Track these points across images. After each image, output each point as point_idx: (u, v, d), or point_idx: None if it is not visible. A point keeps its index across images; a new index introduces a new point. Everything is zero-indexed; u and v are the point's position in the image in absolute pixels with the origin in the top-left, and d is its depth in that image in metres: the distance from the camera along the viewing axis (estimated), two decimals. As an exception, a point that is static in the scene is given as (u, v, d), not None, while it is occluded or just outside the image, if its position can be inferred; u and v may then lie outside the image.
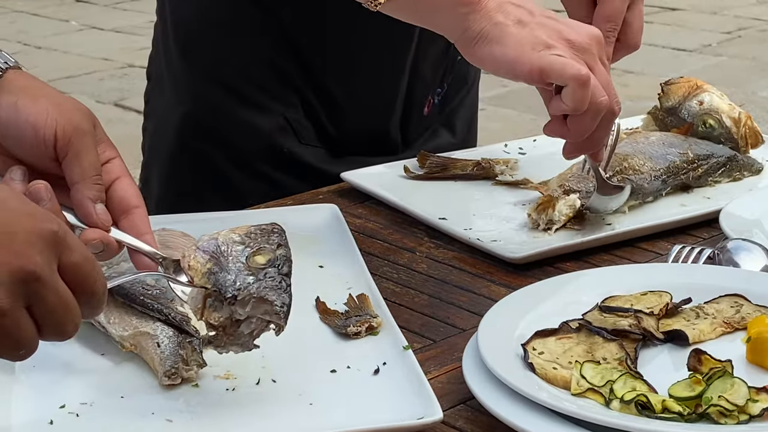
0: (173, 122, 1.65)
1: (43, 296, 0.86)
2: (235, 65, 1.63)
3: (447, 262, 1.39)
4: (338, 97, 1.65)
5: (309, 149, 1.65)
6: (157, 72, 1.72)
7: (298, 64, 1.63)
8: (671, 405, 1.00)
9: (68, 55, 6.65)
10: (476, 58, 1.28)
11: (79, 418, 1.06)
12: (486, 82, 2.01)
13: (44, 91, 1.09)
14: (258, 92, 1.63)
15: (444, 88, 1.76)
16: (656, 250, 1.41)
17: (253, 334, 1.07)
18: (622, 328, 1.13)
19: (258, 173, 1.64)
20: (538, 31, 1.26)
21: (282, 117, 1.64)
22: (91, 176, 1.06)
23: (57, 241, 0.87)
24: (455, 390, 1.11)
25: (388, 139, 1.71)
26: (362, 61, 1.65)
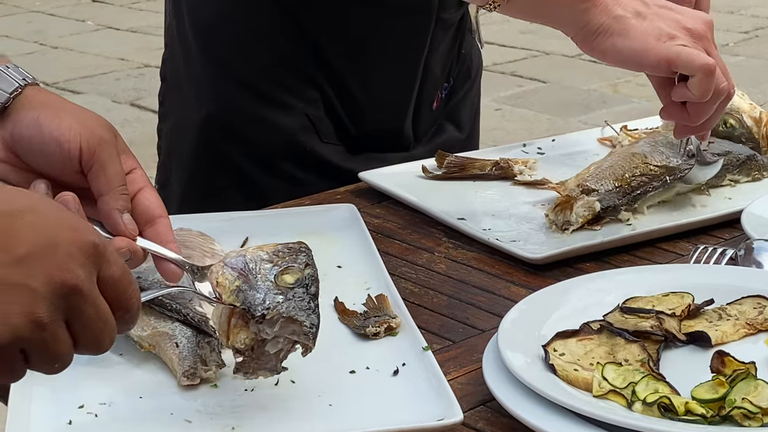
0: (194, 123, 1.65)
1: (83, 310, 0.85)
2: (257, 64, 1.63)
3: (466, 262, 1.38)
4: (358, 96, 1.66)
5: (329, 147, 1.66)
6: (174, 73, 1.72)
7: (319, 62, 1.63)
8: (694, 407, 0.99)
9: (84, 55, 6.66)
10: (598, 51, 1.35)
11: (97, 418, 1.05)
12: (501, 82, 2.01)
13: (65, 106, 1.09)
14: (280, 91, 1.63)
15: (450, 83, 1.78)
16: (677, 251, 1.40)
17: (280, 356, 1.05)
18: (644, 330, 1.12)
19: (280, 172, 1.64)
20: (658, 22, 1.33)
21: (304, 115, 1.64)
22: (117, 187, 1.06)
23: (97, 254, 0.86)
24: (475, 391, 1.10)
25: (402, 136, 1.72)
26: (381, 59, 1.66)
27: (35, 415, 1.06)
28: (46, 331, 0.83)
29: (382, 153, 1.68)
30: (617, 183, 1.46)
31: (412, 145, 1.74)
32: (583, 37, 1.35)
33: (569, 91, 5.73)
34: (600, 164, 1.51)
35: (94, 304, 0.86)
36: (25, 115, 1.07)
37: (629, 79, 5.79)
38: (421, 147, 1.73)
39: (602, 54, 1.35)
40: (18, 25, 7.43)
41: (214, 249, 1.29)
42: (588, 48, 1.35)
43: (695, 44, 1.33)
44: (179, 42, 1.69)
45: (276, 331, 1.04)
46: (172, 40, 1.72)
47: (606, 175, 1.47)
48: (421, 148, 1.73)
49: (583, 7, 1.33)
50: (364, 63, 1.65)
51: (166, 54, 1.74)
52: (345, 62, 1.64)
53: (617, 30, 1.33)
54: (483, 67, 1.88)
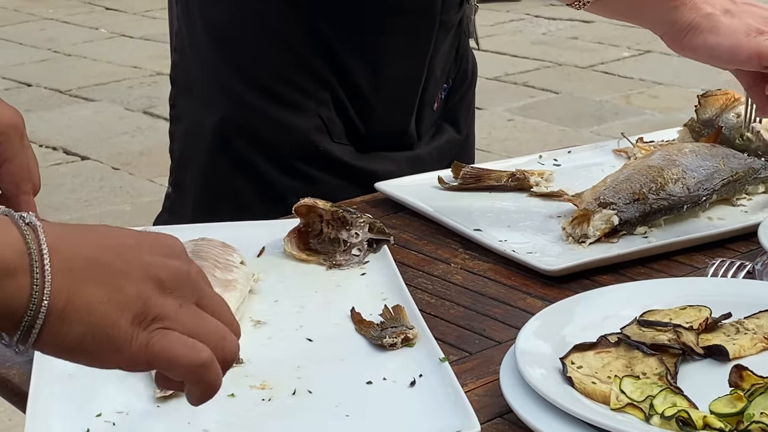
0: (208, 126, 1.67)
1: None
2: (271, 66, 1.65)
3: (482, 273, 1.38)
4: (369, 96, 1.68)
5: (339, 147, 1.68)
6: (185, 77, 1.74)
7: (331, 64, 1.66)
8: (712, 421, 0.99)
9: (98, 62, 6.68)
10: (688, 49, 1.41)
11: (115, 426, 1.05)
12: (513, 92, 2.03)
13: None
14: (294, 92, 1.66)
15: (449, 84, 1.80)
16: (693, 264, 1.40)
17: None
18: (662, 343, 1.12)
19: (295, 171, 1.66)
20: (747, 18, 1.39)
21: (317, 116, 1.66)
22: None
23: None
24: (492, 403, 1.10)
25: (406, 135, 1.75)
26: (391, 60, 1.68)
27: (53, 422, 1.06)
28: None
29: (389, 152, 1.71)
30: (635, 196, 1.46)
31: (415, 144, 1.77)
32: (673, 36, 1.39)
33: (581, 102, 5.72)
34: (616, 177, 1.51)
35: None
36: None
37: (642, 91, 5.79)
38: (423, 147, 1.77)
39: (693, 51, 1.40)
40: (31, 32, 7.45)
41: (229, 260, 1.29)
42: (678, 46, 1.41)
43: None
44: (190, 46, 1.71)
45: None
46: (182, 45, 1.73)
47: (623, 188, 1.47)
48: (424, 147, 1.77)
49: (672, 5, 1.37)
50: (375, 64, 1.67)
51: (176, 58, 1.76)
52: (357, 63, 1.66)
53: (707, 27, 1.38)
54: (492, 75, 1.90)
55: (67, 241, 0.83)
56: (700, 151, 1.56)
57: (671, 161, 1.53)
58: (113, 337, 0.83)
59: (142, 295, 0.84)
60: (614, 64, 6.39)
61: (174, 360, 0.84)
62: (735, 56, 1.40)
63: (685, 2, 1.38)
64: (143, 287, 0.84)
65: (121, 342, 0.83)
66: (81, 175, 4.90)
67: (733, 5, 1.40)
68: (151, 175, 4.77)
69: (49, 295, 0.80)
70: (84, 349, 0.83)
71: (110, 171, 4.89)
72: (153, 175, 4.76)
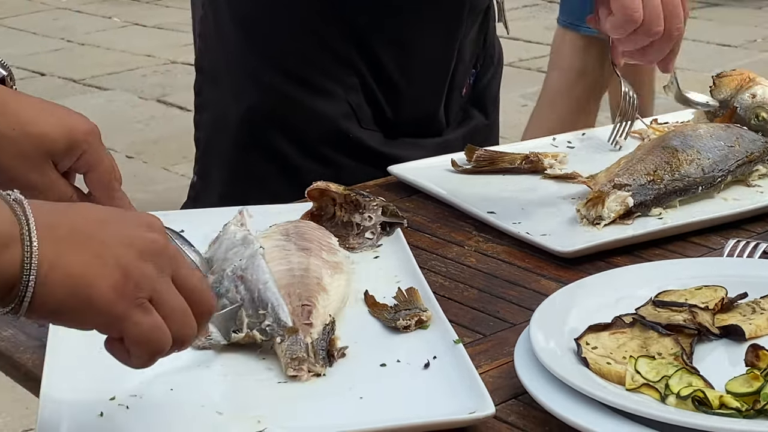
0: (235, 114, 1.66)
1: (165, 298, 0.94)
2: (299, 52, 1.65)
3: (496, 256, 1.37)
4: (398, 82, 1.68)
5: (368, 132, 1.68)
6: (211, 65, 1.73)
7: (360, 49, 1.65)
8: (729, 401, 0.98)
9: (111, 51, 6.68)
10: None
11: (129, 410, 1.05)
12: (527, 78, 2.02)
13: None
14: (323, 78, 1.65)
15: (477, 69, 1.80)
16: (709, 245, 1.39)
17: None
18: (677, 323, 1.11)
19: (322, 157, 1.66)
20: None
21: (345, 102, 1.66)
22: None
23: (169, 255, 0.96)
24: (506, 385, 1.09)
25: (435, 121, 1.74)
26: (419, 45, 1.67)
27: (67, 407, 1.05)
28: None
29: (417, 138, 1.70)
30: (649, 177, 1.45)
31: (444, 131, 1.76)
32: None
33: (596, 87, 5.70)
34: (630, 158, 1.50)
35: (173, 294, 0.93)
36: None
37: (657, 75, 5.76)
38: (451, 132, 1.76)
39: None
40: (45, 22, 7.46)
41: (330, 243, 1.30)
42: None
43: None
44: (216, 33, 1.70)
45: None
46: (207, 31, 1.72)
47: (637, 170, 1.46)
48: (452, 133, 1.76)
49: None
50: (403, 49, 1.67)
51: (201, 45, 1.75)
52: (386, 49, 1.66)
53: None
54: (505, 60, 1.90)
55: (51, 214, 0.91)
56: (714, 132, 1.55)
57: (686, 142, 1.52)
58: (93, 298, 0.90)
59: (122, 262, 0.91)
60: (629, 49, 6.35)
61: (142, 344, 0.92)
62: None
63: None
64: (123, 255, 0.91)
65: (101, 304, 0.90)
66: (94, 164, 4.90)
67: None
68: (165, 164, 4.77)
69: (37, 264, 0.88)
70: (66, 311, 0.90)
71: (124, 159, 4.89)
72: (167, 163, 4.76)
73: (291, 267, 1.21)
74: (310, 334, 1.13)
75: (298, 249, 1.25)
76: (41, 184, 1.15)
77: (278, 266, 1.21)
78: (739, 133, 1.56)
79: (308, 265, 1.22)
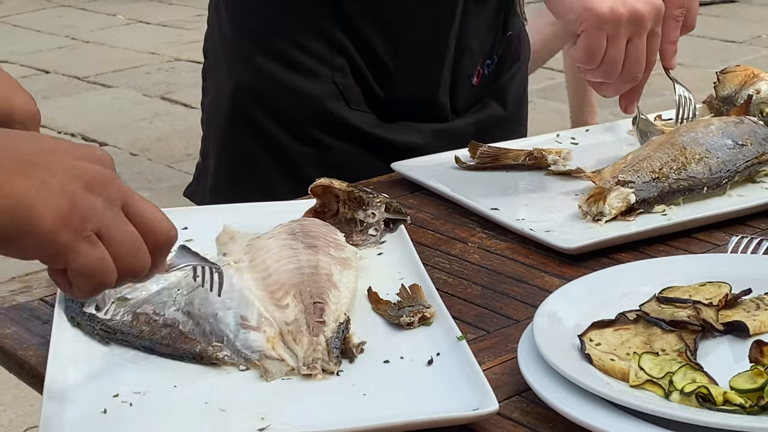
0: (226, 93, 1.69)
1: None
2: (286, 33, 1.66)
3: (499, 252, 1.37)
4: (388, 63, 1.68)
5: (357, 114, 1.68)
6: (213, 47, 1.76)
7: (348, 30, 1.66)
8: (733, 397, 0.98)
9: (115, 49, 6.69)
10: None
11: (132, 407, 1.05)
12: (533, 74, 2.00)
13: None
14: (307, 57, 1.66)
15: (494, 60, 1.78)
16: (713, 241, 1.39)
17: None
18: (681, 320, 1.11)
19: (310, 139, 1.66)
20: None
21: (332, 83, 1.66)
22: None
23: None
24: (510, 381, 1.09)
25: (436, 106, 1.73)
26: (410, 28, 1.67)
27: (70, 404, 1.05)
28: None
29: (417, 122, 1.70)
30: (654, 175, 1.44)
31: (450, 117, 1.75)
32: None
33: (600, 84, 5.69)
34: (637, 154, 1.49)
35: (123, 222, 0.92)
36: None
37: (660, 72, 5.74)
38: (460, 120, 1.76)
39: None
40: (49, 19, 7.46)
41: (337, 239, 1.30)
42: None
43: (620, 29, 1.41)
44: (216, 16, 1.73)
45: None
46: (211, 16, 1.76)
47: (643, 167, 1.45)
48: (461, 120, 1.76)
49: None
50: (393, 31, 1.67)
51: (208, 31, 1.78)
52: (374, 30, 1.66)
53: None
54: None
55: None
56: (727, 129, 1.53)
57: (696, 139, 1.50)
58: (36, 226, 0.88)
59: (68, 192, 0.89)
60: (633, 45, 6.34)
61: (86, 277, 0.91)
62: (565, 15, 1.45)
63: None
64: (69, 185, 0.89)
65: (44, 233, 0.88)
66: (99, 161, 4.91)
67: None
68: (169, 161, 4.77)
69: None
70: (7, 238, 0.88)
71: (128, 157, 4.89)
72: (171, 160, 4.76)
73: (300, 265, 1.21)
74: (324, 332, 1.13)
75: (305, 247, 1.25)
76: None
77: (287, 265, 1.21)
78: (753, 129, 1.53)
79: (317, 263, 1.22)
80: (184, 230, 1.38)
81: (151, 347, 1.13)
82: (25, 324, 1.21)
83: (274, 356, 1.10)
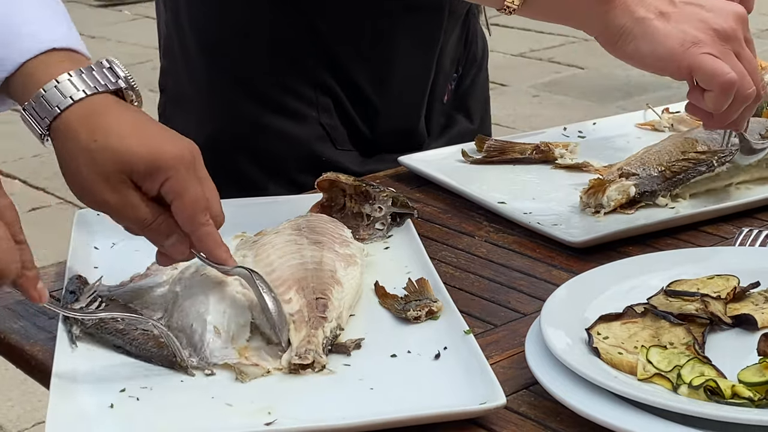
0: (200, 140, 1.61)
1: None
2: (269, 74, 1.59)
3: (507, 246, 1.37)
4: (373, 99, 1.64)
5: (343, 153, 1.63)
6: (175, 87, 1.68)
7: (332, 68, 1.61)
8: (741, 390, 0.98)
9: (122, 44, 6.69)
10: (622, 54, 1.26)
11: (139, 401, 1.05)
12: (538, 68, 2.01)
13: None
14: (292, 99, 1.60)
15: (459, 72, 1.76)
16: (721, 234, 1.38)
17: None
18: (689, 313, 1.10)
19: (295, 182, 1.60)
20: (683, 24, 1.23)
21: (318, 124, 1.61)
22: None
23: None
24: (517, 375, 1.09)
25: (416, 135, 1.70)
26: (395, 60, 1.63)
27: (77, 399, 1.05)
28: None
29: (397, 153, 1.62)
30: (660, 168, 1.44)
31: (425, 142, 1.71)
32: (606, 41, 1.26)
33: (607, 78, 5.69)
34: (649, 148, 1.49)
35: None
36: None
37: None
38: (433, 142, 1.71)
39: (628, 58, 1.26)
40: (56, 15, 7.46)
41: (343, 235, 1.29)
42: (613, 51, 1.27)
43: (723, 47, 1.23)
44: (181, 56, 1.65)
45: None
46: (171, 53, 1.67)
47: (651, 160, 1.45)
48: (434, 143, 1.71)
49: (603, 9, 1.24)
50: (378, 65, 1.62)
51: (165, 64, 1.69)
52: (359, 65, 1.61)
53: (639, 34, 1.23)
54: (517, 51, 1.87)
55: None
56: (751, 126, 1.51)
57: (710, 134, 1.49)
58: None
59: None
60: (641, 39, 6.33)
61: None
62: (666, 68, 1.24)
63: (615, 5, 1.23)
64: None
65: None
66: (107, 157, 4.91)
67: (670, 6, 1.24)
68: (177, 156, 4.77)
69: None
70: None
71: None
72: (178, 155, 4.76)
73: (304, 261, 1.21)
74: (323, 327, 1.12)
75: (310, 243, 1.24)
76: (115, 203, 1.10)
77: (291, 260, 1.21)
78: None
79: (321, 259, 1.22)
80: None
81: (124, 347, 1.13)
82: (32, 319, 1.21)
83: (247, 363, 1.10)
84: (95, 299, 1.17)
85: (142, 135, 1.11)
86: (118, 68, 1.15)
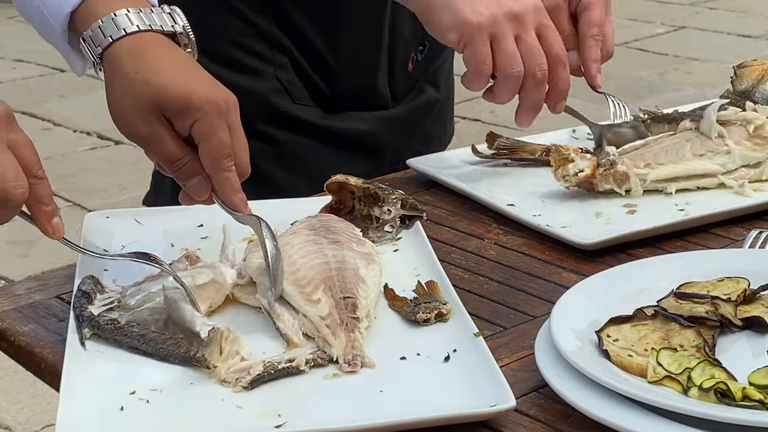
0: None
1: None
2: (226, 37, 1.68)
3: (516, 248, 1.37)
4: (327, 57, 1.71)
5: (303, 108, 1.71)
6: None
7: (287, 28, 1.69)
8: (752, 393, 0.98)
9: None
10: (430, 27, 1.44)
11: (149, 404, 1.05)
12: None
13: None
14: (250, 58, 1.69)
15: (426, 46, 1.81)
16: (731, 236, 1.38)
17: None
18: (699, 315, 1.10)
19: (259, 134, 1.66)
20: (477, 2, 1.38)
21: (276, 79, 1.69)
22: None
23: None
24: (527, 377, 1.09)
25: (376, 94, 1.77)
26: (345, 20, 1.70)
27: (87, 401, 1.05)
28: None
29: (361, 111, 1.73)
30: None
31: (390, 104, 1.79)
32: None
33: (616, 80, 5.68)
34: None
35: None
36: None
37: (677, 67, 5.74)
38: (400, 106, 1.79)
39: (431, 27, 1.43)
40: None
41: (357, 234, 1.30)
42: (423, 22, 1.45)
43: (510, 24, 1.38)
44: None
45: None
46: None
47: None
48: (400, 107, 1.79)
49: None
50: (328, 24, 1.69)
51: None
52: (312, 27, 1.69)
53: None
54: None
55: None
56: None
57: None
58: None
59: None
60: (648, 41, 6.33)
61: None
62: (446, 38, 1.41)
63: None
64: None
65: None
66: (115, 159, 4.92)
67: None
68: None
69: None
70: None
71: (144, 155, 4.90)
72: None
73: (327, 260, 1.21)
74: (358, 328, 1.13)
75: (329, 242, 1.25)
76: (145, 135, 1.18)
77: (313, 260, 1.21)
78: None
79: (344, 257, 1.22)
80: (199, 227, 1.39)
81: (140, 347, 1.13)
82: (42, 322, 1.21)
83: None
84: (111, 302, 1.18)
85: (181, 75, 1.17)
86: (177, 16, 1.24)
